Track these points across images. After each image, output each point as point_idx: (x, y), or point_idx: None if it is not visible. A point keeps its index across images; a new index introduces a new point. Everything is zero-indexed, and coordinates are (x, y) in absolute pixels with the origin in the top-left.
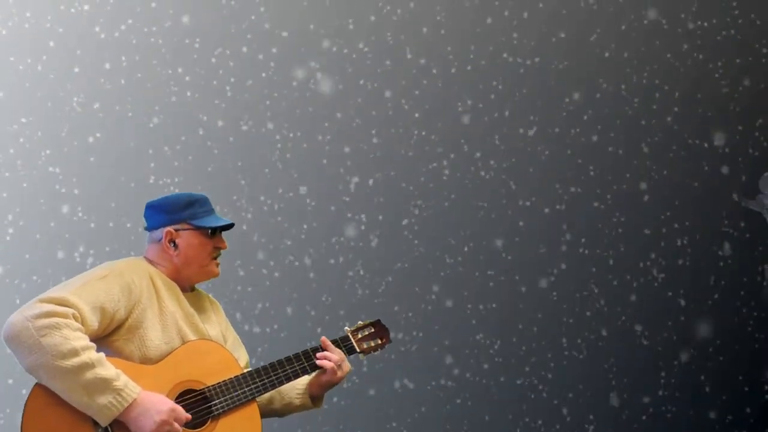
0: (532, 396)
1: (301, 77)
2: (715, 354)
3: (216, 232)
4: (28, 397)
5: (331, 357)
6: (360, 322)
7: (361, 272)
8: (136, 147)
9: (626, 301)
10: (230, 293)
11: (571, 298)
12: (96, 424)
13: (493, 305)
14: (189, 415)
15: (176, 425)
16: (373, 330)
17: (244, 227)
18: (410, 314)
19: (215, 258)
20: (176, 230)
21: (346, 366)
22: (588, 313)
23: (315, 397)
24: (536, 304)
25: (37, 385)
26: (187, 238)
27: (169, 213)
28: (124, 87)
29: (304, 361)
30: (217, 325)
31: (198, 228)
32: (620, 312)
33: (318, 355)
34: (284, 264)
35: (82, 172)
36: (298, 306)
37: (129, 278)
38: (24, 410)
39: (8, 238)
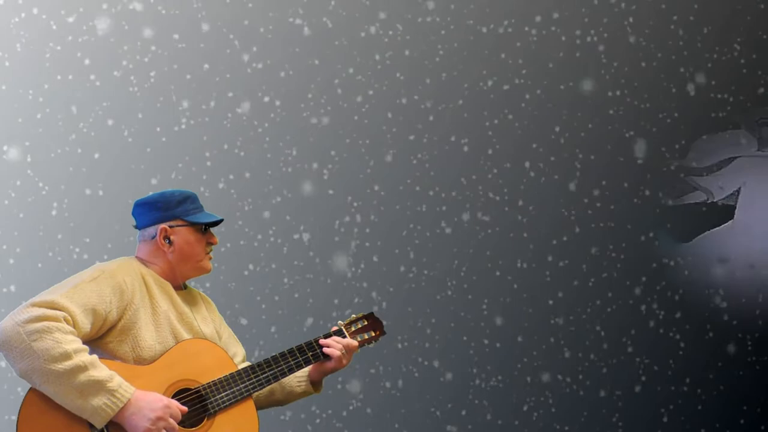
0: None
1: (303, 116)
2: (715, 382)
3: (207, 227)
4: (22, 404)
5: (336, 345)
6: (353, 315)
7: (357, 300)
8: (138, 173)
9: (627, 336)
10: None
11: (572, 333)
12: (91, 426)
13: (497, 344)
14: (185, 408)
15: (171, 421)
16: (366, 323)
17: (246, 272)
18: (406, 342)
19: (208, 253)
20: (171, 227)
21: (352, 346)
22: (592, 355)
23: (315, 382)
24: (537, 338)
25: (31, 391)
26: (182, 234)
27: (162, 210)
28: (126, 113)
29: (299, 356)
30: (210, 322)
31: (193, 224)
32: (622, 345)
33: (322, 342)
34: (280, 300)
35: (81, 204)
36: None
37: (120, 279)
38: (18, 417)
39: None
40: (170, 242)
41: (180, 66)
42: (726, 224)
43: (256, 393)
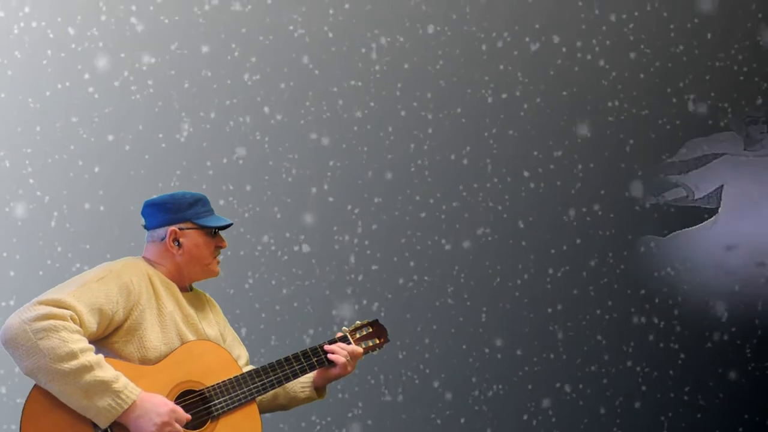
0: None
1: (302, 124)
2: (715, 390)
3: (217, 231)
4: (26, 401)
5: (341, 352)
6: (358, 322)
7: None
8: (138, 182)
9: (627, 345)
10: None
11: (572, 342)
12: (96, 426)
13: (498, 355)
14: (189, 416)
15: (177, 426)
16: (371, 330)
17: (245, 284)
18: (405, 351)
19: (216, 257)
20: (180, 229)
21: (357, 353)
22: (592, 366)
23: (319, 388)
24: (537, 347)
25: (36, 389)
26: (192, 237)
27: (173, 212)
28: (126, 122)
29: (304, 361)
30: (215, 324)
31: (202, 227)
32: (623, 354)
33: (327, 348)
34: (281, 309)
35: (81, 213)
36: None
37: (127, 279)
38: (22, 414)
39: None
40: (179, 245)
41: (179, 74)
42: (709, 224)
43: (260, 397)
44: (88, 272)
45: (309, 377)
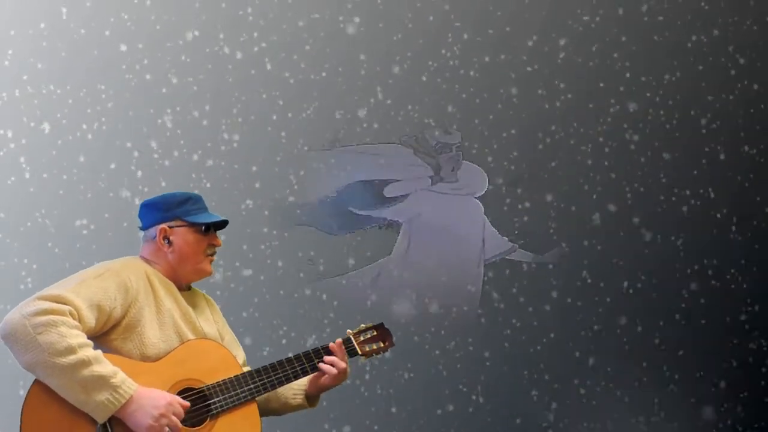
0: None
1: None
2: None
3: (210, 229)
4: (27, 395)
5: (339, 364)
6: (362, 325)
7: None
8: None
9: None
10: None
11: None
12: (95, 421)
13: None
14: (187, 403)
15: (174, 419)
16: (375, 333)
17: (242, 293)
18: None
19: (210, 255)
20: (170, 227)
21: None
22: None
23: (311, 396)
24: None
25: (36, 382)
26: (181, 234)
27: (163, 210)
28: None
29: (305, 362)
30: (213, 323)
31: (192, 224)
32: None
33: (326, 359)
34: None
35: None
36: None
37: (125, 276)
38: (23, 407)
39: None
40: (170, 242)
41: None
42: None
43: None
44: (85, 270)
45: (302, 385)
